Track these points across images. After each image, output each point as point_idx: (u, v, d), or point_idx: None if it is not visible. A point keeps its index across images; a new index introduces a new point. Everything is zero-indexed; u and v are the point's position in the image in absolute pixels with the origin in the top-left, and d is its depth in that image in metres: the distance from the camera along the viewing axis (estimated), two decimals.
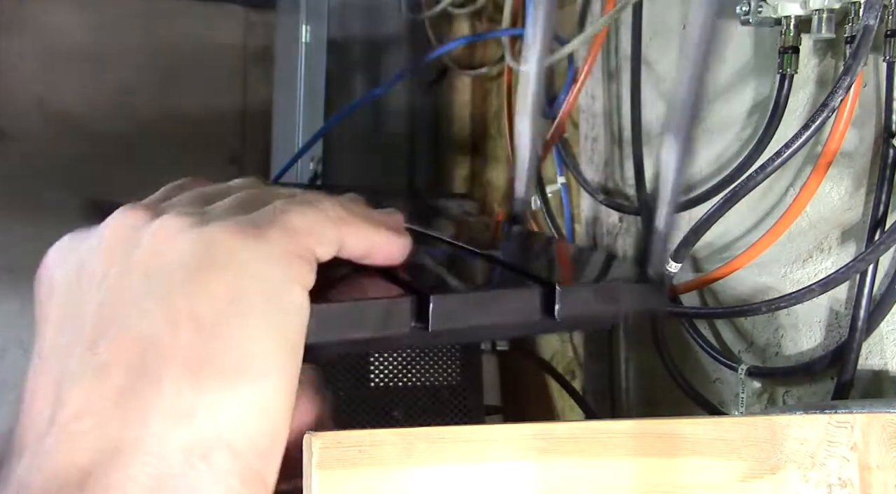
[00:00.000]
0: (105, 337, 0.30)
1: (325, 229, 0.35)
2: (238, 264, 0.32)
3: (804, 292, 0.76)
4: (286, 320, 0.32)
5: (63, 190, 2.43)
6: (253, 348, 0.31)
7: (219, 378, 0.30)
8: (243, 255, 0.32)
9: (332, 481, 0.35)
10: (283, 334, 0.32)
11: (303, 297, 0.33)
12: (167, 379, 0.29)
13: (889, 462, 0.43)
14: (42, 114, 2.46)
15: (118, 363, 0.30)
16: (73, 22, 2.49)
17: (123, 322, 0.31)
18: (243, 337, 0.31)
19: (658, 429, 0.40)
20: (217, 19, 2.61)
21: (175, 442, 0.29)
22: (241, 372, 0.30)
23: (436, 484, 0.36)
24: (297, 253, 0.34)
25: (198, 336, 0.30)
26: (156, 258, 0.32)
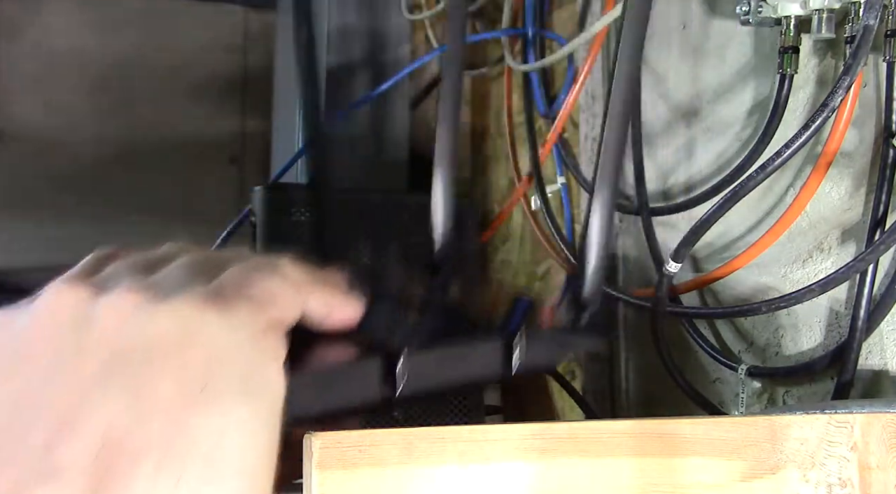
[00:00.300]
0: (61, 437, 0.27)
1: (289, 295, 0.33)
2: (208, 344, 0.29)
3: (804, 292, 0.76)
4: (264, 402, 0.30)
5: (63, 190, 2.44)
6: (232, 435, 0.28)
7: (196, 469, 0.27)
8: (213, 334, 0.29)
9: (332, 481, 0.35)
10: (261, 417, 0.29)
11: (278, 374, 0.31)
12: (139, 478, 0.26)
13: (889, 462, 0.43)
14: (42, 114, 2.46)
15: (79, 466, 0.26)
16: (73, 23, 2.49)
17: (81, 417, 0.27)
18: (221, 426, 0.28)
19: (658, 429, 0.40)
20: (217, 19, 2.61)
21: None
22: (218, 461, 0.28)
23: (436, 484, 0.36)
24: (268, 328, 0.31)
25: (169, 428, 0.27)
26: (112, 341, 0.28)
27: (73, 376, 0.28)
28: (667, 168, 1.01)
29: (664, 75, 1.02)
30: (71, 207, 2.41)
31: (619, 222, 1.12)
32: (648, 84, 1.03)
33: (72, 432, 0.27)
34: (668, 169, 1.01)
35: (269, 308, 0.31)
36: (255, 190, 1.03)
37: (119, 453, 0.27)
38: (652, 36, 1.03)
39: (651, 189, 1.01)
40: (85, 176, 2.44)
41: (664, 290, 0.87)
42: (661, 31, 1.02)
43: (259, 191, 1.01)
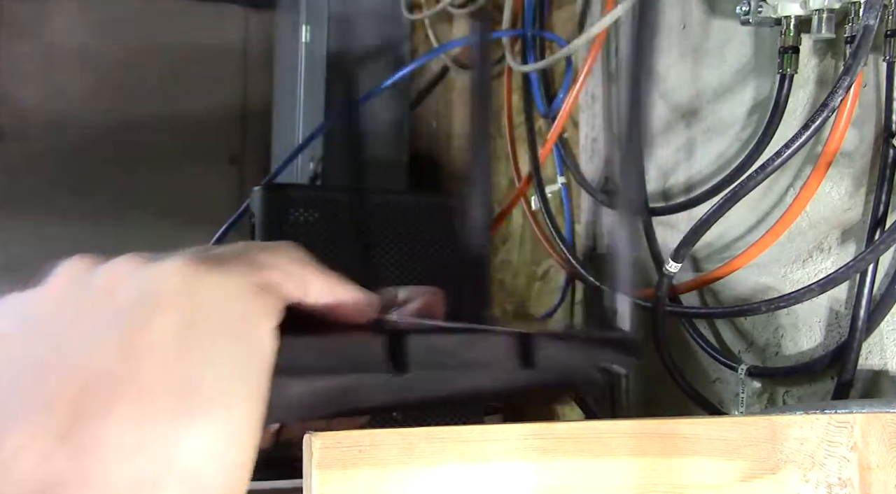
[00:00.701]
0: (53, 375, 0.28)
1: (291, 267, 0.34)
2: (198, 295, 0.30)
3: (804, 292, 0.76)
4: (249, 355, 0.30)
5: (63, 189, 2.44)
6: (212, 381, 0.29)
7: (174, 410, 0.28)
8: (204, 286, 0.30)
9: (332, 481, 0.35)
10: (245, 369, 0.30)
11: (268, 333, 0.31)
12: (117, 410, 0.28)
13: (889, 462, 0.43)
14: (42, 114, 2.46)
15: (65, 397, 0.28)
16: (73, 22, 2.49)
17: (73, 359, 0.29)
18: (202, 369, 0.29)
19: (658, 429, 0.40)
20: (217, 19, 2.61)
21: (123, 474, 0.27)
22: (198, 405, 0.28)
23: (436, 484, 0.36)
24: (262, 287, 0.32)
25: (153, 367, 0.28)
26: (108, 296, 0.30)
27: (68, 329, 0.29)
28: (667, 168, 1.01)
29: (664, 75, 1.02)
30: (71, 207, 2.41)
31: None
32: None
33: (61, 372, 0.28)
34: (668, 169, 1.01)
35: (267, 271, 0.32)
36: (254, 190, 1.02)
37: (104, 389, 0.28)
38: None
39: (651, 189, 1.01)
40: (85, 176, 2.44)
41: (664, 290, 0.87)
42: (661, 31, 1.02)
43: (258, 191, 1.01)
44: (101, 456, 0.27)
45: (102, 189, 2.44)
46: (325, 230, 0.99)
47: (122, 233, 2.44)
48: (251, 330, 0.30)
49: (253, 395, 0.30)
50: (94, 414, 0.27)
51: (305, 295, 0.34)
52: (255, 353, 0.30)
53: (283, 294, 0.33)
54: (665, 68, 1.02)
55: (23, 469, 0.27)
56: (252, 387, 0.30)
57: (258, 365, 0.30)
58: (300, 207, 0.99)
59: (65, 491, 0.26)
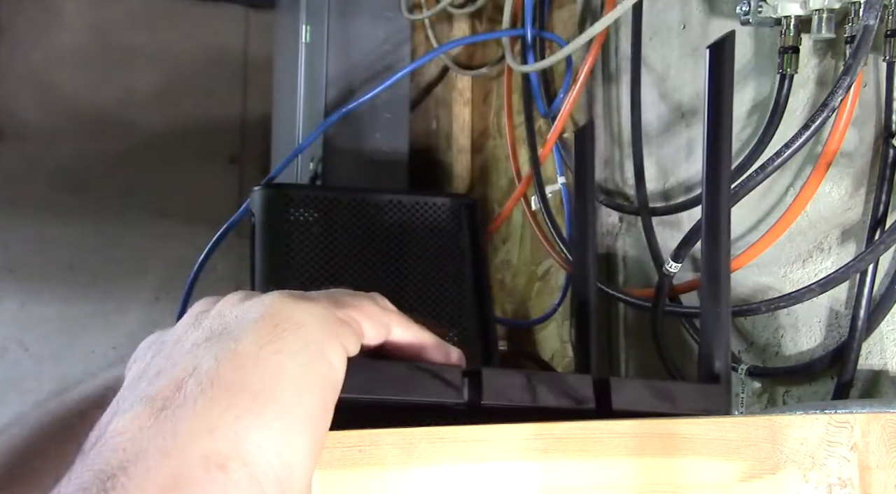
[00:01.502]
0: (161, 377, 0.35)
1: (373, 310, 0.40)
2: (285, 317, 0.36)
3: (804, 292, 0.76)
4: (317, 371, 0.35)
5: (63, 190, 2.44)
6: (281, 387, 0.34)
7: (246, 401, 0.33)
8: (291, 311, 0.37)
9: (332, 481, 0.35)
10: (311, 382, 0.35)
11: (340, 359, 0.37)
12: (200, 399, 0.33)
13: (889, 462, 0.43)
14: (42, 114, 2.46)
15: (164, 391, 0.34)
16: (74, 23, 2.49)
17: (178, 364, 0.35)
18: (276, 373, 0.34)
19: (658, 429, 0.40)
20: (217, 19, 2.61)
21: (196, 450, 0.32)
22: (267, 401, 0.33)
23: (436, 485, 0.36)
24: (340, 320, 0.38)
25: (236, 368, 0.34)
26: (218, 319, 0.37)
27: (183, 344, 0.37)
28: (667, 168, 1.01)
29: (664, 75, 1.02)
30: (71, 207, 2.41)
31: (618, 222, 1.12)
32: (648, 84, 1.03)
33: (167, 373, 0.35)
34: (668, 169, 1.01)
35: (349, 309, 0.39)
36: (254, 190, 1.02)
37: (193, 383, 0.34)
38: (652, 36, 1.03)
39: (651, 189, 1.01)
40: (85, 176, 2.44)
41: (664, 290, 0.87)
42: (661, 31, 1.02)
43: (258, 191, 1.01)
44: (180, 435, 0.32)
45: (102, 189, 2.44)
46: (325, 230, 0.99)
47: (122, 232, 2.44)
48: (322, 352, 0.36)
49: (314, 405, 0.35)
50: (181, 404, 0.33)
51: (387, 336, 0.41)
52: (323, 371, 0.36)
53: (359, 329, 0.39)
54: (665, 68, 1.02)
55: (120, 439, 0.33)
56: (314, 399, 0.35)
57: (323, 381, 0.35)
58: (300, 207, 0.99)
59: (145, 459, 0.32)
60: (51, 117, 2.46)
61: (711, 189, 0.48)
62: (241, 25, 2.64)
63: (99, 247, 2.43)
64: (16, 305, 2.41)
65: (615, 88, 1.12)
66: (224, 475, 0.32)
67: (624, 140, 1.09)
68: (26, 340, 2.42)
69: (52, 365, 2.42)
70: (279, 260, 0.98)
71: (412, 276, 1.02)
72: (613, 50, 1.12)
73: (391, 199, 1.04)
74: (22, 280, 2.41)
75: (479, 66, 1.54)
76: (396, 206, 1.03)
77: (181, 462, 0.32)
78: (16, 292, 2.40)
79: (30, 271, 2.41)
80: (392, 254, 1.02)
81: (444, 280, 1.03)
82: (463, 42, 1.54)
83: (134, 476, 0.31)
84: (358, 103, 1.31)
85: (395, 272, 1.02)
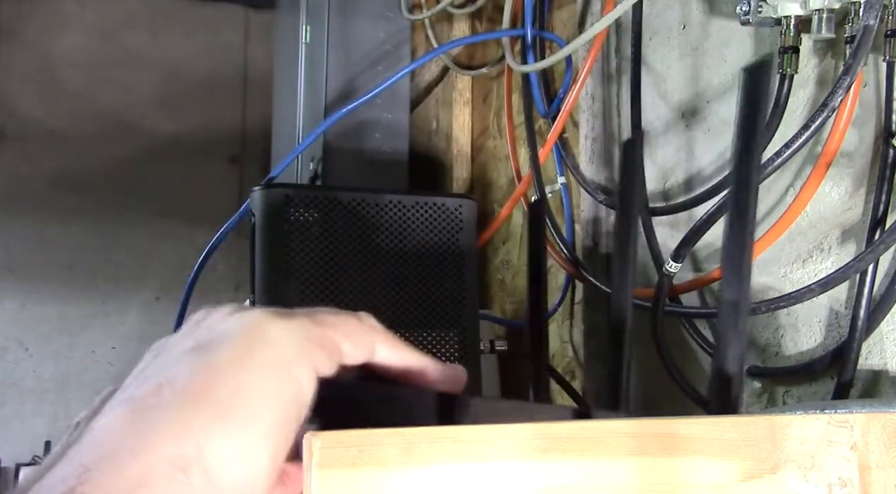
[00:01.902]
0: (147, 381, 0.37)
1: (355, 329, 0.41)
2: (261, 334, 0.38)
3: (804, 292, 0.76)
4: (286, 389, 0.37)
5: (63, 189, 2.44)
6: (249, 398, 0.36)
7: (213, 412, 0.35)
8: (268, 329, 0.38)
9: (332, 481, 0.35)
10: (279, 398, 0.37)
11: (308, 378, 0.38)
12: (172, 405, 0.35)
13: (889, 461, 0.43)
14: (43, 114, 2.46)
15: (146, 395, 0.36)
16: (74, 23, 2.49)
17: (162, 370, 0.37)
18: (244, 387, 0.36)
19: (658, 429, 0.40)
20: (217, 19, 2.61)
21: (164, 454, 0.34)
22: (232, 413, 0.35)
23: (436, 484, 0.36)
24: (318, 340, 0.39)
25: (208, 380, 0.36)
26: (207, 331, 0.39)
27: (172, 351, 0.39)
28: (667, 168, 1.01)
29: (664, 75, 1.02)
30: (71, 207, 2.41)
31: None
32: (648, 84, 1.03)
33: (151, 378, 0.37)
34: (668, 169, 1.01)
35: (328, 329, 0.39)
36: (254, 190, 1.02)
37: (169, 390, 0.36)
38: (652, 36, 1.03)
39: (651, 189, 1.01)
40: (85, 176, 2.44)
41: (664, 290, 0.87)
42: (661, 31, 1.02)
43: (258, 191, 1.01)
44: (150, 437, 0.35)
45: (102, 189, 2.44)
46: (325, 230, 0.99)
47: (122, 233, 2.44)
48: (290, 370, 0.37)
49: (276, 421, 0.36)
50: (157, 408, 0.36)
51: (371, 356, 0.41)
52: (289, 389, 0.37)
53: (336, 349, 0.40)
54: (665, 68, 1.02)
55: (101, 436, 0.35)
56: (277, 414, 0.36)
57: (289, 398, 0.37)
58: (300, 207, 0.99)
59: (121, 456, 0.34)
60: (51, 117, 2.46)
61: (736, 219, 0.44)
62: (241, 25, 2.64)
63: (99, 246, 2.43)
64: (16, 305, 2.41)
65: (615, 88, 1.12)
66: (185, 478, 0.34)
67: (624, 140, 1.09)
68: (26, 340, 2.42)
69: (51, 365, 2.42)
70: (279, 260, 0.98)
71: (412, 276, 1.02)
72: (613, 50, 1.12)
73: (391, 199, 1.04)
74: (22, 280, 2.41)
75: (479, 66, 1.54)
76: (396, 206, 1.03)
77: (148, 464, 0.34)
78: (16, 292, 2.40)
79: (30, 271, 2.41)
80: (392, 254, 1.02)
81: (444, 280, 1.03)
82: (463, 42, 1.54)
83: (105, 472, 0.34)
84: (358, 103, 1.31)
85: (395, 272, 1.02)
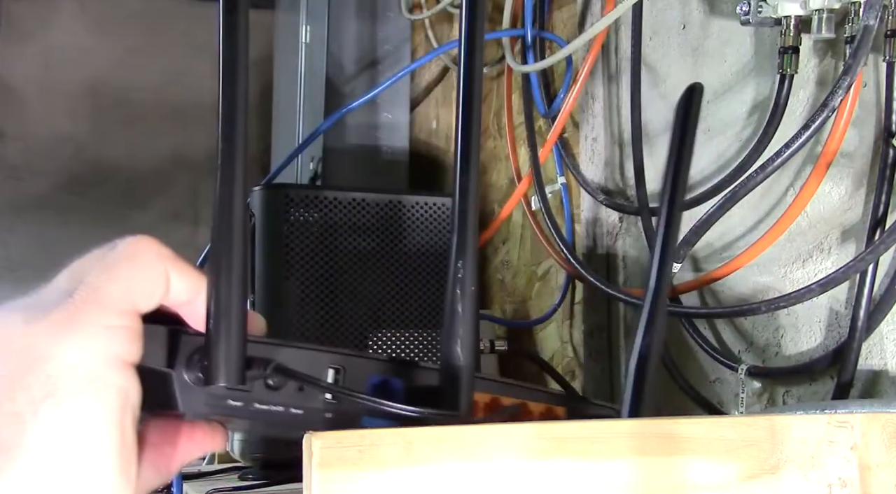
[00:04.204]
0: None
1: (142, 280, 0.36)
2: (47, 356, 0.33)
3: (804, 292, 0.76)
4: (101, 408, 0.33)
5: (63, 190, 2.43)
6: (67, 439, 0.33)
7: (34, 471, 0.32)
8: (57, 348, 0.33)
9: (332, 481, 0.35)
10: (100, 425, 0.33)
11: (122, 377, 0.34)
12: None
13: (889, 461, 0.43)
14: (42, 114, 2.46)
15: None
16: (73, 22, 2.49)
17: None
18: (56, 429, 0.33)
19: (658, 429, 0.40)
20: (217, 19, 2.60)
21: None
22: (60, 460, 0.32)
23: (436, 484, 0.36)
24: (117, 327, 0.34)
25: (16, 431, 0.32)
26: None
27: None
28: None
29: (664, 75, 1.02)
30: (71, 207, 2.41)
31: (618, 222, 1.12)
32: (648, 83, 1.03)
33: None
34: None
35: (116, 301, 0.35)
36: (254, 190, 1.02)
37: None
38: (652, 36, 1.03)
39: (651, 189, 1.01)
40: (85, 175, 2.44)
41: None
42: (661, 31, 1.02)
43: (258, 192, 1.01)
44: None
45: (102, 189, 2.44)
46: (325, 230, 0.99)
47: (122, 233, 2.44)
48: (101, 381, 0.34)
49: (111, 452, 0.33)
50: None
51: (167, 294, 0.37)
52: (110, 403, 0.33)
53: (142, 309, 0.35)
54: (665, 68, 1.02)
55: None
56: (102, 426, 0.33)
57: (113, 415, 0.34)
58: (300, 207, 0.99)
59: None
60: (52, 117, 2.46)
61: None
62: None
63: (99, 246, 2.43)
64: None
65: (615, 88, 1.12)
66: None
67: (624, 140, 1.09)
68: None
69: None
70: (279, 260, 0.98)
71: (412, 276, 1.02)
72: (613, 50, 1.12)
73: (391, 199, 1.04)
74: (22, 280, 2.41)
75: None
76: (396, 206, 1.03)
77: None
78: (16, 292, 2.39)
79: (30, 271, 2.41)
80: (392, 254, 1.02)
81: (444, 280, 1.03)
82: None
83: None
84: (358, 103, 1.31)
85: (395, 272, 1.02)
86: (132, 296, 0.35)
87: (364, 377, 0.40)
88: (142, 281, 0.36)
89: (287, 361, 0.38)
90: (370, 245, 1.01)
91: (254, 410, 0.38)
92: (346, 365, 0.40)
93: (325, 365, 0.39)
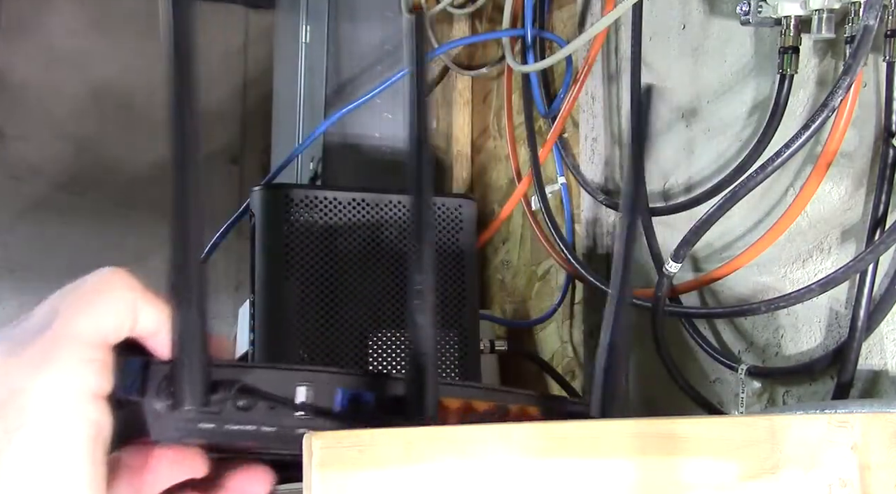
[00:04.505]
0: None
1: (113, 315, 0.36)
2: (22, 389, 0.34)
3: (804, 292, 0.76)
4: (73, 440, 0.34)
5: (63, 189, 2.44)
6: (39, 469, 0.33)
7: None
8: (26, 380, 0.34)
9: (332, 481, 0.35)
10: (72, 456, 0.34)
11: (94, 409, 0.35)
12: None
13: (889, 461, 0.43)
14: (42, 114, 2.46)
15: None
16: (73, 22, 2.49)
17: None
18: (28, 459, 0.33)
19: (658, 429, 0.40)
20: (217, 19, 2.61)
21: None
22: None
23: (436, 484, 0.36)
24: (86, 361, 0.35)
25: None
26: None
27: None
28: (667, 168, 1.01)
29: (664, 75, 1.02)
30: (71, 207, 2.41)
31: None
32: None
33: None
34: (668, 169, 1.01)
35: (90, 334, 0.36)
36: (254, 190, 1.02)
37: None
38: (652, 36, 1.03)
39: (651, 189, 1.01)
40: (85, 176, 2.44)
41: (664, 290, 0.87)
42: (661, 31, 1.02)
43: (258, 192, 1.01)
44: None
45: (102, 189, 2.44)
46: (325, 230, 0.99)
47: (122, 233, 2.44)
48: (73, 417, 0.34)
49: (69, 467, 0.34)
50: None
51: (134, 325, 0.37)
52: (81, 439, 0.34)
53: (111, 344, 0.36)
54: (665, 68, 1.02)
55: None
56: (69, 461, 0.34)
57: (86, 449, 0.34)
58: (300, 207, 0.99)
59: None
60: (52, 117, 2.46)
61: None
62: (241, 25, 2.64)
63: (99, 247, 2.43)
64: (16, 305, 2.41)
65: (615, 88, 1.12)
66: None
67: (624, 140, 1.09)
68: None
69: None
70: (279, 260, 0.98)
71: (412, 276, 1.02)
72: (613, 50, 1.12)
73: (391, 199, 1.04)
74: (22, 280, 2.41)
75: (479, 66, 1.54)
76: (396, 206, 1.03)
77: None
78: (16, 292, 2.40)
79: (30, 271, 2.41)
80: (392, 254, 1.02)
81: (443, 280, 1.03)
82: (463, 42, 1.54)
83: None
84: (358, 103, 1.31)
85: (395, 272, 1.02)
86: (103, 330, 0.36)
87: (333, 391, 0.40)
88: (112, 315, 0.37)
89: (256, 382, 0.39)
90: (370, 245, 1.01)
91: (226, 431, 0.39)
92: (314, 380, 0.40)
93: (293, 382, 0.40)
